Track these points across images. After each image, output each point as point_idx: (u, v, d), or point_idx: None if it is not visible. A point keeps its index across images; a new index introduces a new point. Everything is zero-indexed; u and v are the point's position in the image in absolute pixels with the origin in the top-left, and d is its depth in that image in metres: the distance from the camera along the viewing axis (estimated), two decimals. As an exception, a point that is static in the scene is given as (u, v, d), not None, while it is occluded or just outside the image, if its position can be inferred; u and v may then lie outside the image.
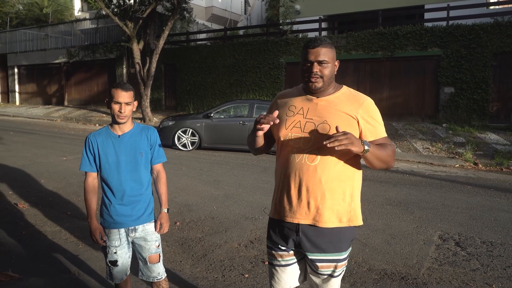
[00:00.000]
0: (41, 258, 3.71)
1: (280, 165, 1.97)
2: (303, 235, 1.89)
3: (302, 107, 1.93)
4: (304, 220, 1.88)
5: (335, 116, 1.85)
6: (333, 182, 1.85)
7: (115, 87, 2.33)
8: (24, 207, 5.18)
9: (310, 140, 1.86)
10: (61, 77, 22.01)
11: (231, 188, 6.38)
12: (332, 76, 1.91)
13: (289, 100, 2.01)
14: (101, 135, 2.43)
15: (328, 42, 1.91)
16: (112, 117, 2.38)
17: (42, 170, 7.28)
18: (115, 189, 2.40)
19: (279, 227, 1.97)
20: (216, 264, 3.63)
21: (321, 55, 1.86)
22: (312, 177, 1.84)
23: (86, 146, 2.43)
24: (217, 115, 10.37)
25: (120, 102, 2.32)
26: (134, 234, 2.45)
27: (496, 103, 12.12)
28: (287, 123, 1.93)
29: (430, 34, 12.69)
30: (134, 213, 2.44)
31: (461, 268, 3.59)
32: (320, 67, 1.86)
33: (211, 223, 4.74)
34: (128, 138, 2.43)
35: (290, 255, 1.99)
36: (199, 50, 17.38)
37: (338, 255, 1.91)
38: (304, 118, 1.90)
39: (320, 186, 1.84)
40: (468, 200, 5.91)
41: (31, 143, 10.67)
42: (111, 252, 2.45)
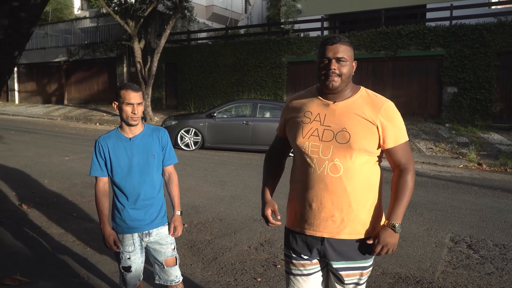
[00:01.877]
0: (49, 261, 3.65)
1: (299, 175, 1.87)
2: (328, 245, 1.81)
3: (318, 113, 1.83)
4: (328, 234, 1.80)
5: (354, 123, 1.76)
6: (357, 192, 1.77)
7: (124, 89, 2.27)
8: (29, 208, 5.12)
9: (329, 149, 1.77)
10: (60, 76, 21.91)
11: (237, 189, 6.32)
12: (350, 75, 1.80)
13: (304, 105, 1.90)
14: (111, 138, 2.36)
15: (347, 40, 1.81)
16: (123, 119, 2.31)
17: (45, 170, 7.21)
18: (128, 193, 2.34)
19: (301, 237, 1.88)
20: (227, 268, 3.58)
21: (340, 52, 1.75)
22: (337, 189, 1.76)
23: (96, 150, 2.36)
24: (220, 115, 10.31)
25: (133, 103, 2.25)
26: (148, 238, 2.39)
27: (499, 103, 12.08)
28: (303, 131, 1.83)
29: (433, 33, 12.65)
30: (147, 217, 2.37)
31: (475, 272, 3.55)
32: (338, 64, 1.76)
33: (220, 225, 4.68)
34: (139, 141, 2.36)
35: (313, 264, 1.90)
36: (200, 49, 17.31)
37: (364, 263, 1.85)
38: (321, 125, 1.80)
39: (346, 197, 1.76)
40: (476, 201, 5.87)
41: (32, 142, 10.59)
42: (125, 258, 2.39)
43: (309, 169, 1.80)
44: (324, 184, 1.76)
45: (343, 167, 1.75)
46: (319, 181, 1.78)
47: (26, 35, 0.79)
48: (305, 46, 14.84)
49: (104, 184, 2.37)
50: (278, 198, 5.75)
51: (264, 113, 10.26)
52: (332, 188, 1.76)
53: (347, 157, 1.74)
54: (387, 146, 1.78)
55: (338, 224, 1.78)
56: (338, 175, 1.75)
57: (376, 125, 1.76)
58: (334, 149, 1.75)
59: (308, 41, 14.85)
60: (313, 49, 14.70)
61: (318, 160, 1.77)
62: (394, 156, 1.81)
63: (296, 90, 15.29)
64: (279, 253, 3.91)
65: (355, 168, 1.76)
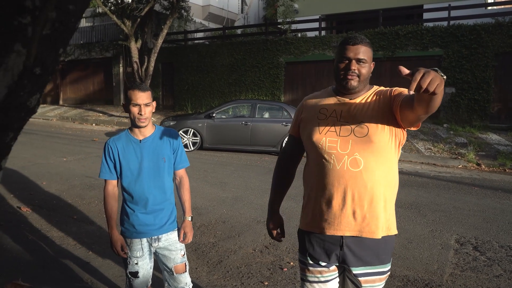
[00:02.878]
0: (51, 265, 3.58)
1: (315, 173, 1.80)
2: (347, 249, 1.76)
3: (334, 109, 1.81)
4: (350, 231, 1.73)
5: (371, 115, 1.74)
6: (377, 187, 1.72)
7: (132, 88, 2.21)
8: (28, 211, 5.03)
9: (348, 144, 1.73)
10: (56, 75, 21.70)
11: (238, 190, 6.27)
12: (368, 76, 1.80)
13: (319, 103, 1.88)
14: (121, 140, 2.29)
15: (368, 41, 1.79)
16: (132, 120, 2.25)
17: (43, 171, 7.12)
18: (137, 197, 2.27)
19: (318, 241, 1.81)
20: (233, 271, 3.52)
21: (361, 53, 1.74)
22: (358, 184, 1.71)
23: (106, 153, 2.29)
24: (219, 115, 10.24)
25: (139, 103, 2.19)
26: (157, 244, 2.33)
27: (497, 104, 12.11)
28: (320, 127, 1.80)
29: (431, 34, 12.66)
30: (157, 222, 2.31)
31: (484, 274, 3.52)
32: (358, 65, 1.75)
33: (223, 227, 4.63)
34: (150, 143, 2.30)
35: (331, 270, 1.85)
36: (197, 49, 17.23)
37: (382, 267, 1.80)
38: (338, 121, 1.78)
39: (367, 193, 1.71)
40: (478, 202, 5.86)
41: (29, 143, 10.46)
42: (132, 263, 2.32)
43: (327, 166, 1.75)
44: (344, 179, 1.71)
45: (363, 161, 1.71)
46: (338, 177, 1.72)
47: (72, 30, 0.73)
48: (303, 46, 14.80)
49: (113, 187, 2.31)
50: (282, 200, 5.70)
51: (263, 113, 10.20)
52: (353, 183, 1.71)
53: (367, 150, 1.71)
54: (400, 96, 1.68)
55: (359, 222, 1.73)
56: (358, 170, 1.71)
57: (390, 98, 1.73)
58: (353, 143, 1.72)
59: (306, 41, 14.82)
60: (311, 49, 14.67)
61: (336, 156, 1.73)
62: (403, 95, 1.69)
63: (294, 90, 15.27)
64: (284, 255, 3.86)
65: (375, 162, 1.72)
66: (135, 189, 2.27)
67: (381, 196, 1.74)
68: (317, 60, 14.60)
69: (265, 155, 9.75)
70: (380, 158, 1.74)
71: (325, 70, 14.61)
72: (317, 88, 14.64)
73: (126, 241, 2.32)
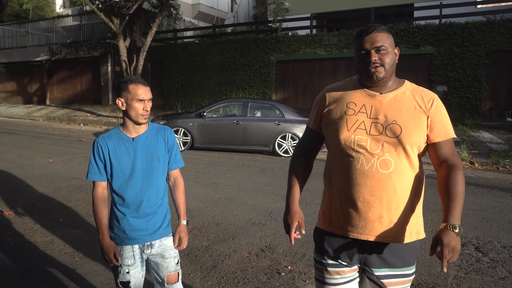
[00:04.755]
0: (34, 272, 3.36)
1: (340, 172, 1.68)
2: (371, 251, 1.66)
3: (364, 104, 1.68)
4: (374, 236, 1.63)
5: (405, 115, 1.62)
6: (406, 191, 1.62)
7: (134, 83, 2.01)
8: (11, 215, 4.79)
9: (378, 144, 1.61)
10: (42, 75, 21.29)
11: (231, 191, 6.08)
12: (393, 64, 1.66)
13: (345, 95, 1.74)
14: (112, 138, 2.09)
15: (384, 27, 1.67)
16: (131, 117, 2.05)
17: (28, 173, 6.85)
18: (129, 200, 2.08)
19: (340, 242, 1.71)
20: (228, 277, 3.34)
21: (378, 41, 1.62)
22: (387, 186, 1.59)
23: (95, 152, 2.09)
24: (210, 114, 10.04)
25: (144, 99, 2.01)
26: (150, 250, 2.14)
27: (489, 102, 12.11)
28: (348, 123, 1.66)
29: (423, 32, 12.62)
30: (149, 227, 2.12)
31: (489, 277, 3.39)
32: (378, 54, 1.63)
33: (216, 230, 4.44)
34: (143, 141, 2.11)
35: (352, 270, 1.73)
36: (187, 48, 16.98)
37: (407, 270, 1.70)
38: (368, 118, 1.65)
39: (395, 196, 1.60)
40: (475, 201, 5.76)
41: (13, 143, 10.16)
42: (123, 272, 2.12)
43: (355, 165, 1.63)
44: (372, 181, 1.60)
45: (394, 162, 1.60)
46: (366, 178, 1.60)
47: None
48: (294, 45, 14.66)
49: (103, 190, 2.11)
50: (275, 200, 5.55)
51: (255, 112, 10.03)
52: (382, 186, 1.59)
53: (398, 152, 1.60)
54: (436, 139, 1.64)
55: (385, 226, 1.62)
56: (388, 172, 1.59)
57: (427, 115, 1.64)
58: (384, 143, 1.61)
59: (297, 39, 14.68)
60: (302, 48, 14.54)
61: (365, 155, 1.61)
62: (441, 151, 1.66)
63: (285, 89, 15.12)
64: (281, 259, 3.70)
65: (405, 164, 1.62)
66: (127, 191, 2.08)
67: (410, 200, 1.64)
68: (308, 58, 14.47)
69: (257, 155, 9.58)
70: (410, 160, 1.63)
71: (316, 69, 14.49)
72: (309, 87, 14.59)
73: (118, 247, 2.13)
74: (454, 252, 1.46)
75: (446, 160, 1.65)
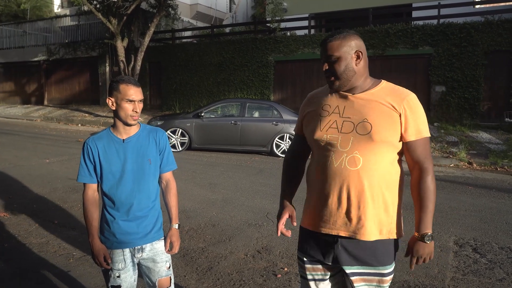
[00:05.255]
0: (28, 275, 3.33)
1: (315, 170, 1.75)
2: (342, 248, 1.69)
3: (337, 105, 1.73)
4: (344, 232, 1.67)
5: (376, 113, 1.65)
6: (376, 189, 1.64)
7: (125, 83, 1.98)
8: (6, 216, 4.76)
9: (349, 141, 1.65)
10: (40, 75, 21.23)
11: (228, 191, 6.05)
12: (349, 70, 1.67)
13: (322, 99, 1.80)
14: (102, 139, 2.06)
15: (341, 35, 1.67)
16: (120, 118, 2.02)
17: (24, 173, 6.81)
18: (119, 203, 2.05)
19: (315, 238, 1.77)
20: (224, 279, 3.32)
21: (327, 51, 1.67)
22: (354, 183, 1.63)
23: (85, 153, 2.06)
24: (208, 115, 10.00)
25: (134, 100, 1.99)
26: (140, 254, 2.11)
27: (487, 102, 12.10)
28: (321, 124, 1.73)
29: (421, 32, 12.60)
30: (140, 230, 2.09)
31: (486, 278, 3.37)
32: (329, 65, 1.69)
33: (213, 231, 4.41)
34: (134, 143, 2.07)
35: (326, 269, 1.78)
36: (185, 48, 16.94)
37: (382, 269, 1.69)
38: (340, 117, 1.69)
39: (363, 193, 1.63)
40: (473, 202, 5.74)
41: (10, 144, 10.12)
42: (114, 276, 2.09)
43: (326, 163, 1.69)
44: (341, 178, 1.65)
45: (362, 160, 1.63)
46: (336, 175, 1.66)
47: None
48: (292, 45, 14.64)
49: (93, 192, 2.08)
50: (273, 201, 5.51)
51: (253, 112, 10.00)
52: (350, 182, 1.64)
53: (369, 149, 1.63)
54: (409, 138, 1.66)
55: (354, 223, 1.66)
56: (356, 169, 1.63)
57: (399, 112, 1.64)
58: (354, 141, 1.65)
59: (295, 40, 14.65)
60: (300, 48, 14.51)
61: (336, 153, 1.67)
62: (414, 152, 1.67)
63: (284, 89, 15.11)
64: (278, 261, 3.67)
65: (375, 162, 1.64)
66: (117, 193, 2.05)
67: (380, 198, 1.66)
68: (306, 58, 14.45)
69: (255, 155, 9.55)
70: (381, 158, 1.65)
71: (314, 69, 14.46)
72: (307, 87, 14.56)
73: (108, 251, 2.09)
74: (424, 258, 1.68)
75: (418, 163, 1.68)
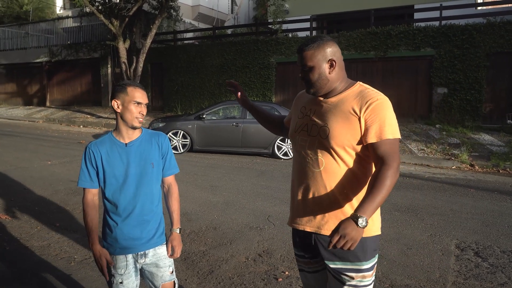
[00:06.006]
0: (29, 278, 3.34)
1: (292, 170, 1.94)
2: (319, 244, 1.80)
3: (311, 108, 1.85)
4: (309, 227, 1.80)
5: (336, 118, 1.73)
6: (339, 188, 1.73)
7: (132, 86, 2.00)
8: (7, 219, 4.77)
9: (314, 144, 1.77)
10: (42, 76, 21.28)
11: (229, 194, 6.05)
12: (322, 79, 1.76)
13: (302, 101, 1.95)
14: (105, 144, 2.05)
15: (315, 44, 1.76)
16: (125, 120, 2.02)
17: (26, 176, 6.83)
18: (122, 208, 2.04)
19: (295, 234, 1.93)
20: (225, 282, 3.31)
21: (303, 60, 1.78)
22: (318, 183, 1.76)
23: (86, 158, 2.05)
24: (209, 117, 10.01)
25: (142, 102, 2.02)
26: (143, 260, 2.10)
27: (489, 104, 12.07)
28: (296, 125, 1.89)
29: (423, 34, 12.58)
30: (144, 235, 2.08)
31: (488, 283, 3.36)
32: (304, 73, 1.80)
33: (214, 234, 4.41)
34: (137, 147, 2.07)
35: (313, 263, 1.92)
36: (187, 49, 16.97)
37: (359, 265, 1.75)
38: (310, 120, 1.82)
39: (326, 193, 1.74)
40: (475, 204, 5.73)
41: (12, 146, 10.14)
42: (116, 282, 2.08)
43: (297, 164, 1.85)
44: (307, 178, 1.79)
45: (325, 162, 1.74)
46: (303, 175, 1.80)
47: None
48: (293, 47, 14.63)
49: (93, 197, 2.08)
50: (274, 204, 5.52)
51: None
52: (314, 182, 1.77)
53: (329, 152, 1.74)
54: (369, 140, 1.68)
55: (319, 219, 1.78)
56: (319, 170, 1.75)
57: (358, 116, 1.69)
58: (318, 143, 1.76)
59: (297, 41, 14.64)
60: (302, 50, 14.49)
61: (305, 154, 1.80)
62: (377, 150, 1.68)
63: (285, 91, 15.10)
64: (279, 264, 3.66)
65: (338, 164, 1.73)
66: (120, 198, 2.04)
67: (345, 197, 1.74)
68: (308, 60, 14.41)
69: (256, 157, 9.55)
70: (342, 160, 1.73)
71: (316, 71, 14.43)
72: (309, 88, 14.52)
73: (110, 256, 2.09)
74: (346, 240, 1.51)
75: (382, 159, 1.65)
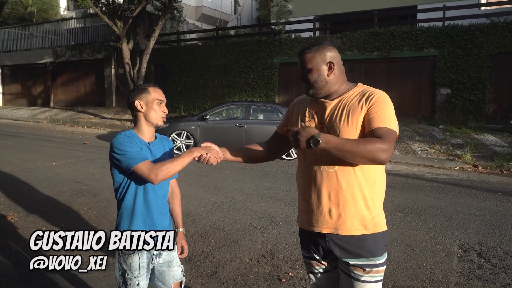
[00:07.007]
0: (35, 278, 3.37)
1: (300, 172, 1.93)
2: (332, 243, 1.82)
3: (316, 111, 1.89)
4: (326, 229, 1.81)
5: (343, 117, 1.77)
6: (354, 187, 1.76)
7: (152, 86, 2.05)
8: (13, 219, 4.81)
9: None
10: (46, 77, 21.40)
11: (233, 195, 6.08)
12: (321, 80, 1.82)
13: (304, 105, 1.96)
14: (134, 138, 1.99)
15: (315, 47, 1.82)
16: (150, 120, 2.01)
17: (31, 176, 6.88)
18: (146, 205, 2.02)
19: (308, 236, 1.93)
20: (229, 283, 3.34)
21: (303, 62, 1.83)
22: (333, 183, 1.78)
23: (127, 142, 1.92)
24: (213, 117, 10.05)
25: (164, 101, 2.07)
26: (158, 260, 2.10)
27: (492, 104, 12.05)
28: None
29: (426, 34, 12.57)
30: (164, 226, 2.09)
31: (491, 284, 3.37)
32: (303, 74, 1.84)
33: (218, 235, 4.44)
34: (157, 147, 2.08)
35: (323, 264, 1.95)
36: (190, 50, 17.02)
37: (375, 260, 1.79)
38: (318, 123, 1.86)
39: (342, 192, 1.76)
40: (478, 205, 5.73)
41: (17, 147, 10.21)
42: (133, 284, 2.03)
43: (308, 165, 1.86)
44: (321, 179, 1.80)
45: (338, 162, 1.75)
46: (316, 177, 1.81)
47: None
48: (297, 47, 14.65)
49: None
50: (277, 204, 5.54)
51: (257, 115, 10.03)
52: (328, 182, 1.78)
53: None
54: (369, 128, 1.71)
55: (335, 220, 1.79)
56: (333, 170, 1.77)
57: (362, 111, 1.74)
58: None
59: (300, 42, 14.67)
60: (305, 50, 14.51)
61: (315, 156, 1.80)
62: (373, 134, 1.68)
63: (288, 91, 15.13)
64: (282, 265, 3.69)
65: (349, 163, 1.74)
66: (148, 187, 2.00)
67: (360, 195, 1.77)
68: (311, 61, 14.43)
69: (260, 158, 9.56)
70: None
71: (319, 71, 14.44)
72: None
73: (125, 257, 2.04)
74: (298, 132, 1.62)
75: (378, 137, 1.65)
